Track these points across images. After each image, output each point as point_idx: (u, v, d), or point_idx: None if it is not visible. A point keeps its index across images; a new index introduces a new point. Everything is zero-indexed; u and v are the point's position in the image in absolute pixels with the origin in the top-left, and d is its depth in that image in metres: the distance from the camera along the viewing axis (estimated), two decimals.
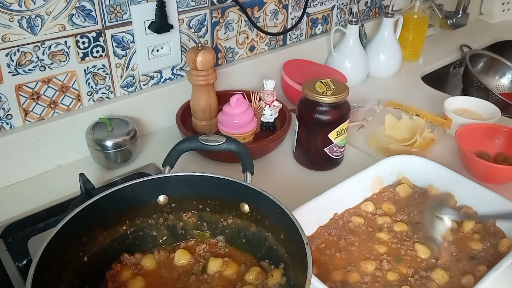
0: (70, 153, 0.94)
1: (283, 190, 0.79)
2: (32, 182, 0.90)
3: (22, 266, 0.71)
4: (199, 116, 0.99)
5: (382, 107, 1.13)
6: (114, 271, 0.66)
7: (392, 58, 1.34)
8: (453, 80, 1.58)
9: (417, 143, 0.98)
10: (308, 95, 0.88)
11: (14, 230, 0.77)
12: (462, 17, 1.58)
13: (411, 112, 1.09)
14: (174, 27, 0.98)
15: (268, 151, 0.99)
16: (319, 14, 1.29)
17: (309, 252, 0.55)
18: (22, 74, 0.84)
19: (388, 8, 1.30)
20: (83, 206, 0.61)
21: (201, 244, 0.71)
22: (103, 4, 0.88)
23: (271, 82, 1.03)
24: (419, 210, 0.81)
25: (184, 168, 0.74)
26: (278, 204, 0.62)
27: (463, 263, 0.71)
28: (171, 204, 0.70)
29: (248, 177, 0.70)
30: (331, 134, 0.90)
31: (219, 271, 0.67)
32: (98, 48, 0.91)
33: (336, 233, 0.76)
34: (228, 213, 0.70)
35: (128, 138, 0.92)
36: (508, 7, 1.83)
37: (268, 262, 0.67)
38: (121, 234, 0.68)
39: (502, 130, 0.99)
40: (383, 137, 1.02)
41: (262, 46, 1.20)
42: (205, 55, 0.91)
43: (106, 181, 0.89)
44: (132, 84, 1.00)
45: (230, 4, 1.07)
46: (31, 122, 0.89)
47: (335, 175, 0.92)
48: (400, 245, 0.74)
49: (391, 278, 0.68)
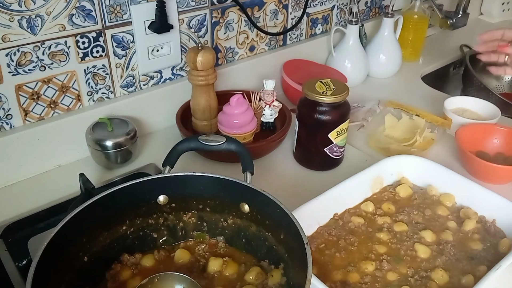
0: (70, 153, 0.94)
1: (283, 190, 0.79)
2: (32, 182, 0.90)
3: (22, 266, 0.71)
4: (199, 116, 0.99)
5: (382, 107, 1.13)
6: (114, 271, 0.66)
7: (392, 58, 1.34)
8: (453, 80, 1.58)
9: (417, 143, 0.98)
10: (308, 95, 0.88)
11: (14, 230, 0.77)
12: (462, 17, 1.58)
13: (411, 112, 1.09)
14: (174, 27, 0.98)
15: (268, 151, 0.99)
16: (319, 14, 1.29)
17: (309, 252, 0.55)
18: (22, 74, 0.84)
19: (388, 8, 1.30)
20: (83, 206, 0.61)
21: (201, 244, 0.71)
22: (103, 4, 0.88)
23: (271, 82, 1.03)
24: (419, 210, 0.81)
25: (184, 168, 0.74)
26: (278, 204, 0.62)
27: (463, 263, 0.71)
28: (171, 204, 0.70)
29: (248, 177, 0.70)
30: (331, 134, 0.90)
31: (219, 270, 0.67)
32: (98, 48, 0.91)
33: (336, 233, 0.76)
34: (228, 213, 0.70)
35: (128, 138, 0.92)
36: (508, 7, 1.83)
37: (268, 262, 0.67)
38: (121, 234, 0.68)
39: (502, 130, 0.99)
40: (383, 137, 1.02)
41: (262, 46, 1.20)
42: (205, 55, 0.91)
43: (106, 181, 0.89)
44: (132, 84, 1.00)
45: (230, 4, 1.07)
46: (31, 122, 0.89)
47: (335, 175, 0.92)
48: (400, 245, 0.74)
49: (391, 278, 0.68)
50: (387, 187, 0.86)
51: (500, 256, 0.69)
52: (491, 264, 0.69)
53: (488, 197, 0.79)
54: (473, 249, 0.74)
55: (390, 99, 1.18)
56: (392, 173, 0.87)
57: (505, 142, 0.99)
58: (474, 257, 0.72)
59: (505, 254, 0.69)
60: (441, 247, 0.74)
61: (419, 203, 0.83)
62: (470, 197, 0.81)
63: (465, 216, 0.80)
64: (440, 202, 0.83)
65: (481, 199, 0.80)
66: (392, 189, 0.86)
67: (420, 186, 0.87)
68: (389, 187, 0.86)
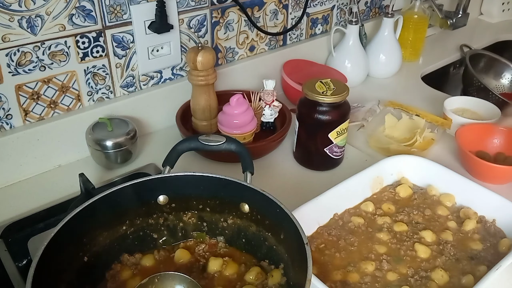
0: (70, 153, 0.94)
1: (283, 190, 0.79)
2: (32, 182, 0.90)
3: (22, 266, 0.72)
4: (199, 116, 0.99)
5: (382, 107, 1.13)
6: (114, 271, 0.67)
7: (392, 58, 1.34)
8: (453, 80, 1.58)
9: (417, 143, 0.98)
10: (308, 95, 0.88)
11: (14, 230, 0.77)
12: (462, 17, 1.58)
13: (411, 112, 1.09)
14: (174, 27, 0.98)
15: (268, 151, 0.99)
16: (319, 14, 1.29)
17: (309, 252, 0.55)
18: (22, 74, 0.84)
19: (388, 8, 1.30)
20: (83, 206, 0.61)
21: (201, 244, 0.71)
22: (103, 4, 0.88)
23: (271, 82, 1.03)
24: (419, 210, 0.81)
25: (184, 168, 0.74)
26: (278, 204, 0.62)
27: (463, 263, 0.71)
28: (171, 204, 0.70)
29: (248, 177, 0.70)
30: (331, 134, 0.90)
31: (219, 270, 0.67)
32: (98, 48, 0.91)
33: (336, 233, 0.76)
34: (228, 213, 0.70)
35: (128, 138, 0.92)
36: (508, 7, 1.83)
37: (268, 262, 0.67)
38: (121, 234, 0.68)
39: (502, 130, 0.99)
40: (383, 137, 1.02)
41: (262, 46, 1.20)
42: (205, 55, 0.91)
43: (106, 181, 0.89)
44: (132, 84, 1.00)
45: (230, 4, 1.07)
46: (31, 122, 0.89)
47: (335, 175, 0.92)
48: (400, 245, 0.74)
49: (391, 279, 0.68)
50: (387, 187, 0.86)
51: (500, 256, 0.69)
52: (491, 264, 0.69)
53: (488, 197, 0.79)
54: (473, 249, 0.74)
55: (390, 99, 1.18)
56: (392, 173, 0.87)
57: (505, 142, 0.99)
58: (474, 257, 0.72)
59: (505, 254, 0.69)
60: (441, 247, 0.74)
61: (419, 203, 0.83)
62: (470, 197, 0.81)
63: (465, 216, 0.80)
64: (440, 202, 0.83)
65: (481, 199, 0.80)
66: (392, 189, 0.86)
67: (420, 186, 0.87)
68: (389, 187, 0.86)
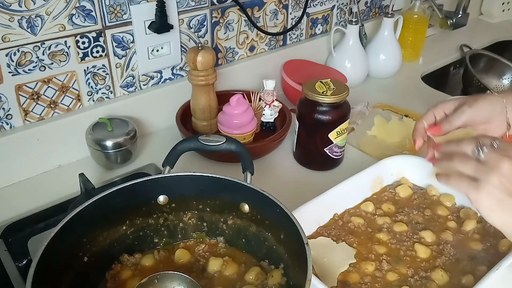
0: (70, 153, 0.94)
1: (283, 190, 0.78)
2: (32, 182, 0.90)
3: (22, 266, 0.71)
4: (199, 116, 0.99)
5: (371, 109, 1.12)
6: (114, 271, 0.67)
7: (392, 58, 1.34)
8: (453, 80, 1.58)
9: (408, 146, 0.98)
10: (308, 95, 0.88)
11: (14, 230, 0.77)
12: (462, 17, 1.57)
13: (400, 113, 1.08)
14: (174, 27, 0.98)
15: (268, 151, 0.99)
16: (319, 14, 1.29)
17: (309, 252, 0.55)
18: (22, 74, 0.84)
19: (388, 8, 1.30)
20: (83, 206, 0.61)
21: (201, 244, 0.71)
22: (103, 4, 0.88)
23: (271, 82, 1.03)
24: (419, 210, 0.81)
25: (184, 168, 0.74)
26: (278, 204, 0.62)
27: (463, 263, 0.71)
28: (171, 204, 0.70)
29: (248, 177, 0.70)
30: (331, 134, 0.90)
31: (219, 270, 0.67)
32: (98, 48, 0.91)
33: (336, 233, 0.76)
34: (228, 213, 0.70)
35: (128, 138, 0.92)
36: (508, 7, 1.83)
37: (268, 262, 0.67)
38: (121, 234, 0.68)
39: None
40: (373, 140, 1.02)
41: (262, 46, 1.20)
42: (205, 55, 0.91)
43: (106, 181, 0.89)
44: (132, 84, 1.00)
45: (230, 4, 1.07)
46: (31, 122, 0.89)
47: (335, 175, 0.92)
48: (400, 245, 0.74)
49: (391, 279, 0.68)
50: (387, 187, 0.86)
51: (500, 256, 0.69)
52: (491, 264, 0.69)
53: None
54: (473, 249, 0.73)
55: (389, 99, 1.18)
56: (392, 173, 0.87)
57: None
58: (474, 257, 0.72)
59: (505, 254, 0.69)
60: (441, 247, 0.73)
61: (419, 203, 0.83)
62: None
63: (465, 216, 0.80)
64: (440, 202, 0.83)
65: None
66: (392, 189, 0.86)
67: (420, 186, 0.87)
68: (389, 187, 0.86)
